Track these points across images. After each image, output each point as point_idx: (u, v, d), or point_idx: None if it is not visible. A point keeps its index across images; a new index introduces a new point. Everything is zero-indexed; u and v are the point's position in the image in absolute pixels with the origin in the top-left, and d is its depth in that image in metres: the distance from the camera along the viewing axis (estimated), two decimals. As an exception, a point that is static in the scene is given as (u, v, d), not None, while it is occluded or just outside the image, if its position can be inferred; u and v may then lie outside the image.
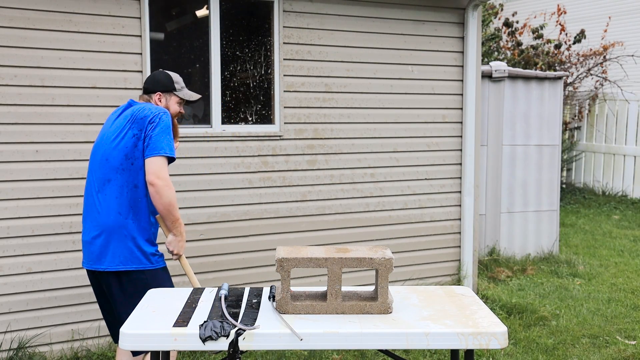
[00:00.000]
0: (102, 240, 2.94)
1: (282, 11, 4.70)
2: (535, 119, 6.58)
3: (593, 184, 10.53)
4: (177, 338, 2.10)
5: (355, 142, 5.05)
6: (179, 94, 3.18)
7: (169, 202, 2.89)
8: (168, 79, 3.16)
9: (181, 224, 3.01)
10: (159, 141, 2.88)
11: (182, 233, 3.02)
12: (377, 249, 2.39)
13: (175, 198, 2.93)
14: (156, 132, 2.89)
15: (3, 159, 3.94)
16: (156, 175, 2.86)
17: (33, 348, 4.05)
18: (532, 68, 10.42)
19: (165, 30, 4.61)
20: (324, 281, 4.95)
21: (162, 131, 2.90)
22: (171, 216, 2.94)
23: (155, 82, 3.16)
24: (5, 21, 3.89)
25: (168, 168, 2.94)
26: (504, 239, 6.55)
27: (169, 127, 2.95)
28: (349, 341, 2.12)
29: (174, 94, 3.17)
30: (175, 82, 3.18)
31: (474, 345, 2.14)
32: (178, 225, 2.99)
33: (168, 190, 2.88)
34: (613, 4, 12.88)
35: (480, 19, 5.38)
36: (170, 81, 3.16)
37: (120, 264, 2.93)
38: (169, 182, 2.89)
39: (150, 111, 2.95)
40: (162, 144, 2.88)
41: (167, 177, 2.89)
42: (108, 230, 2.93)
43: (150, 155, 2.87)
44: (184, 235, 3.04)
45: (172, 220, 2.96)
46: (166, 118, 2.96)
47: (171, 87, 3.16)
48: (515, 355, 4.21)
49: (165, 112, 2.99)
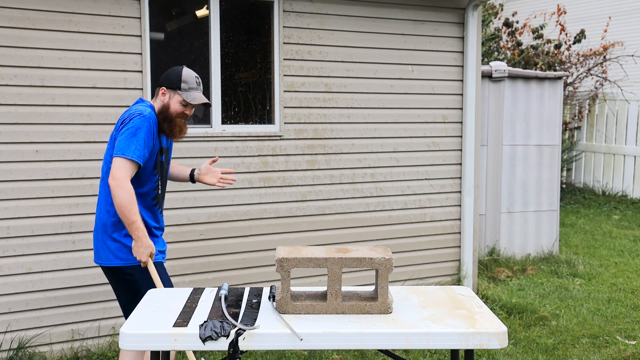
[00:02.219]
0: (97, 236, 3.09)
1: (282, 11, 4.70)
2: (535, 119, 6.58)
3: (593, 184, 10.53)
4: (177, 338, 2.10)
5: (355, 142, 5.05)
6: (182, 94, 3.08)
7: (120, 203, 2.83)
8: (177, 76, 3.09)
9: (138, 228, 2.89)
10: (121, 142, 2.89)
11: (140, 238, 2.90)
12: (377, 249, 2.39)
13: (130, 200, 2.84)
14: (123, 133, 2.91)
15: (3, 159, 3.94)
16: (112, 176, 2.85)
17: (33, 348, 4.05)
18: (532, 68, 10.42)
19: (165, 30, 4.61)
20: (324, 281, 4.95)
21: (129, 133, 2.89)
22: (125, 218, 2.87)
23: (165, 76, 3.13)
24: (5, 21, 3.89)
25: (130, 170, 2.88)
26: (504, 239, 6.55)
27: (139, 130, 2.90)
28: (349, 341, 2.12)
29: (178, 93, 3.09)
30: (183, 81, 3.08)
31: (474, 345, 2.14)
32: (135, 229, 2.88)
33: (120, 191, 2.83)
34: (613, 4, 12.88)
35: (480, 19, 5.38)
36: (178, 79, 3.08)
37: (112, 260, 3.04)
38: (122, 183, 2.83)
39: (128, 112, 3.00)
40: (123, 145, 2.87)
41: (122, 178, 2.84)
42: (99, 227, 3.06)
43: (114, 155, 2.90)
44: (143, 240, 2.91)
45: (127, 222, 2.88)
46: (139, 120, 2.92)
47: (176, 85, 3.08)
48: (515, 355, 4.21)
49: (141, 114, 2.95)
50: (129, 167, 2.88)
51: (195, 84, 3.12)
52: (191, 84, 3.11)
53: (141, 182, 3.04)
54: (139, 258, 2.94)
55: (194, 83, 3.12)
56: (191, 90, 3.11)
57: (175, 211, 4.45)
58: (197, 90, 3.12)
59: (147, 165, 3.03)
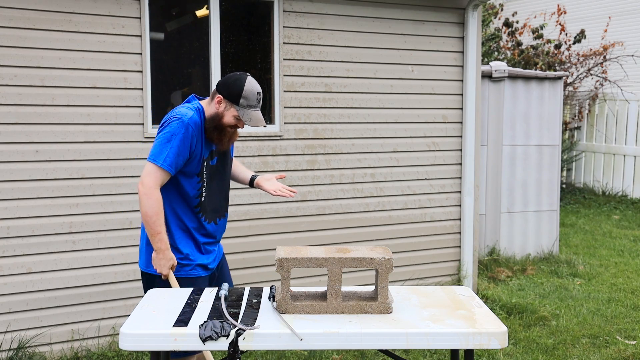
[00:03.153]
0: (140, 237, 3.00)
1: (282, 11, 4.70)
2: (535, 119, 6.58)
3: (593, 184, 10.53)
4: (177, 338, 2.10)
5: (355, 142, 5.05)
6: (239, 111, 2.83)
7: (145, 212, 2.72)
8: (238, 90, 2.81)
9: (161, 240, 2.75)
10: (155, 147, 2.76)
11: (162, 250, 2.75)
12: (377, 249, 2.39)
13: (156, 210, 2.71)
14: (158, 138, 2.78)
15: (3, 159, 3.94)
16: (141, 182, 2.74)
17: (33, 348, 4.05)
18: (532, 68, 10.42)
19: (165, 30, 4.61)
20: (324, 281, 4.95)
21: (164, 139, 2.74)
22: (149, 227, 2.74)
23: (225, 85, 2.85)
24: (5, 21, 3.89)
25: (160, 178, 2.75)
26: (504, 239, 6.55)
27: (174, 137, 2.73)
28: (349, 341, 2.12)
29: (235, 107, 2.83)
30: (244, 97, 2.81)
31: (474, 345, 2.14)
32: (157, 241, 2.75)
33: (147, 200, 2.71)
34: (613, 4, 12.88)
35: (480, 19, 5.38)
36: (238, 94, 2.81)
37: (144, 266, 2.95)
38: (150, 192, 2.71)
39: (170, 113, 2.83)
40: (156, 151, 2.74)
41: (151, 186, 2.71)
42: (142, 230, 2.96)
43: (147, 158, 2.79)
44: (165, 253, 2.77)
45: (150, 232, 2.75)
46: (175, 126, 2.74)
47: (235, 99, 2.81)
48: (515, 355, 4.21)
49: (180, 118, 2.76)
50: (158, 175, 2.74)
51: (255, 100, 2.84)
52: (251, 100, 2.83)
53: (180, 188, 2.87)
54: (159, 270, 2.79)
55: (254, 100, 2.84)
56: (249, 109, 2.84)
57: (175, 211, 4.44)
58: (255, 108, 2.85)
59: (187, 170, 2.84)
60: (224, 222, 3.08)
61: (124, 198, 4.27)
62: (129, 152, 4.27)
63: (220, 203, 3.02)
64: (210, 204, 2.95)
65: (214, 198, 2.97)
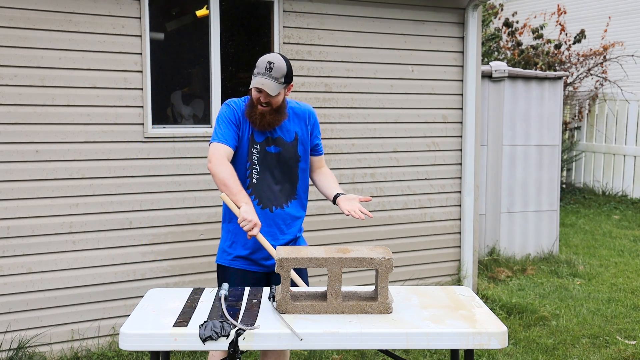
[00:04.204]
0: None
1: (282, 11, 4.70)
2: (535, 119, 6.57)
3: (593, 184, 10.53)
4: (177, 338, 2.10)
5: (355, 142, 5.05)
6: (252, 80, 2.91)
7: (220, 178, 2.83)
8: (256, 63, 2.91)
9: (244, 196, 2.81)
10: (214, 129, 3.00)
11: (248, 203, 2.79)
12: (377, 249, 2.39)
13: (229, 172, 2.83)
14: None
15: (3, 159, 3.94)
16: (208, 161, 2.92)
17: (33, 348, 4.05)
18: (532, 68, 10.42)
19: (165, 30, 4.61)
20: (324, 281, 4.94)
21: (216, 121, 2.99)
22: (228, 190, 2.82)
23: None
24: (5, 21, 3.89)
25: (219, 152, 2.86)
26: (504, 239, 6.55)
27: (219, 115, 2.96)
28: (349, 341, 2.12)
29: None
30: (256, 66, 2.89)
31: (474, 345, 2.14)
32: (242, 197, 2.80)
33: (215, 168, 2.85)
34: (613, 4, 12.88)
35: (480, 19, 5.38)
36: (255, 66, 2.90)
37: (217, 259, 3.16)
38: (215, 161, 2.85)
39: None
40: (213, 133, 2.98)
41: (215, 158, 2.86)
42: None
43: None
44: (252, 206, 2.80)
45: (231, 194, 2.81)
46: (222, 108, 3.00)
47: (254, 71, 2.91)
48: (515, 355, 4.21)
49: (226, 101, 3.02)
50: (216, 149, 2.88)
51: (263, 68, 2.86)
52: (260, 68, 2.87)
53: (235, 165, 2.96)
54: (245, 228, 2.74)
55: (263, 67, 2.86)
56: (257, 76, 2.88)
57: (175, 211, 4.45)
58: (260, 75, 2.87)
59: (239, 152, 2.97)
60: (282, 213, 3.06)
61: (124, 198, 4.27)
62: (129, 152, 4.27)
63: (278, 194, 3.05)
64: (266, 190, 3.01)
65: (270, 186, 3.02)
